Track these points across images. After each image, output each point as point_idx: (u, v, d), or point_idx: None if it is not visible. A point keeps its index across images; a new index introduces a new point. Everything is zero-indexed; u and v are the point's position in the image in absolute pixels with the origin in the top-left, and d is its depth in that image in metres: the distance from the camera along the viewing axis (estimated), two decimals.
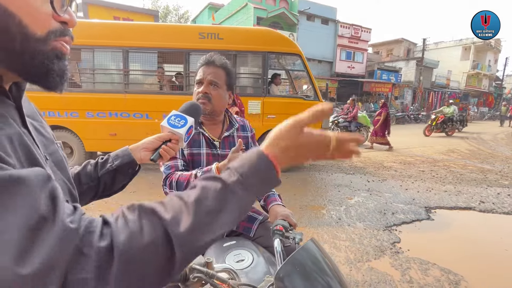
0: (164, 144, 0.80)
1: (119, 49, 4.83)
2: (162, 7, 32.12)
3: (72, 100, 4.76)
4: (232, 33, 5.11)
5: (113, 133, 4.84)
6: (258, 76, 5.21)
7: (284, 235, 0.90)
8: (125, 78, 4.93)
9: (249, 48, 5.04)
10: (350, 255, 2.52)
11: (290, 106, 5.01)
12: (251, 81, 5.49)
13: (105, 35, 4.82)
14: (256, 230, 1.22)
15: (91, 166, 0.77)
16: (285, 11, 19.01)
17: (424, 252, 2.60)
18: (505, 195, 4.32)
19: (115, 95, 4.89)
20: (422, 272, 2.30)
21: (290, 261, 0.63)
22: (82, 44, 4.79)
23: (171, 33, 5.01)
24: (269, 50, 4.99)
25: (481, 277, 2.28)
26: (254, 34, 5.22)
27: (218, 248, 1.08)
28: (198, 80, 1.21)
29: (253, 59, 5.22)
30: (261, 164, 0.47)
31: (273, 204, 1.17)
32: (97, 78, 5.00)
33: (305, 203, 3.75)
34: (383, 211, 3.54)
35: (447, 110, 11.49)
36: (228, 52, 4.87)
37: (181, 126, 0.81)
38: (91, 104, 4.83)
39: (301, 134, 0.49)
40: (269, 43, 4.99)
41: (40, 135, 0.54)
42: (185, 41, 4.88)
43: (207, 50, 4.76)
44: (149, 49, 4.92)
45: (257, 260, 0.95)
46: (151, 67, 5.17)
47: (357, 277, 2.20)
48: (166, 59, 5.36)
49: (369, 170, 5.64)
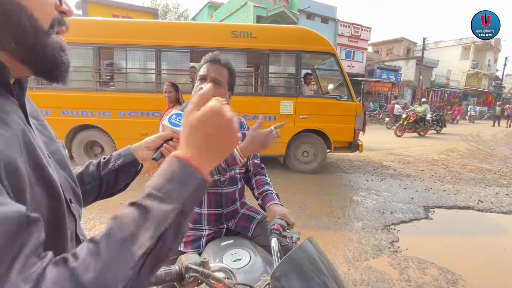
0: (166, 143, 0.81)
1: (151, 48, 4.78)
2: (161, 5, 32.02)
3: (105, 99, 4.79)
4: (265, 31, 4.97)
5: (144, 132, 4.71)
6: (291, 76, 5.09)
7: (282, 234, 0.90)
8: (157, 77, 4.90)
9: (282, 47, 4.92)
10: (348, 254, 2.53)
11: (323, 107, 4.96)
12: (283, 81, 5.35)
13: (137, 34, 4.80)
14: (254, 230, 1.23)
15: (94, 166, 0.77)
16: (285, 9, 18.96)
17: (422, 251, 2.61)
18: (504, 194, 4.33)
19: (147, 94, 4.88)
20: (420, 271, 2.31)
21: (286, 260, 0.63)
22: (115, 43, 4.81)
23: (203, 32, 4.96)
24: (303, 49, 4.86)
25: (479, 277, 2.28)
26: (288, 32, 5.07)
27: (216, 247, 1.08)
28: (201, 76, 1.21)
29: (287, 58, 5.10)
30: (173, 167, 0.42)
31: (271, 203, 1.17)
32: (129, 78, 5.01)
33: (304, 202, 3.75)
34: (382, 210, 3.55)
35: (419, 109, 11.28)
36: (262, 51, 4.81)
37: None
38: (123, 104, 4.83)
39: (196, 115, 0.45)
40: (304, 41, 4.86)
41: (41, 134, 0.54)
42: (217, 40, 4.81)
43: (239, 49, 4.84)
44: (181, 48, 4.87)
45: (254, 259, 0.95)
46: (183, 66, 5.12)
47: (355, 276, 2.21)
48: (198, 58, 5.26)
49: (368, 169, 5.65)
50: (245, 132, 1.35)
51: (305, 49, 4.90)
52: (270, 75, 5.07)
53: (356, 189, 4.40)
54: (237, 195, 1.28)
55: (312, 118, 4.94)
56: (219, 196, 1.21)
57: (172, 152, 0.80)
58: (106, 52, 5.03)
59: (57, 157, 0.56)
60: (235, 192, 1.26)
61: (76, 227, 0.57)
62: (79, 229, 0.59)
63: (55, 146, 0.57)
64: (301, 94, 4.99)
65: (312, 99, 5.16)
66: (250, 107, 4.85)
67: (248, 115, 4.72)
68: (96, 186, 0.75)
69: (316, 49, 5.04)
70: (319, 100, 5.16)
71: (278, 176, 4.86)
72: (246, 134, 1.35)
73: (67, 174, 0.58)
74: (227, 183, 1.22)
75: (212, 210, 1.21)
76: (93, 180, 0.75)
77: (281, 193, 1.31)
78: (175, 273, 0.63)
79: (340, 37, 21.22)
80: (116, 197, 0.86)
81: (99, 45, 4.73)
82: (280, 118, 4.82)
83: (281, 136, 4.59)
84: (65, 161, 0.58)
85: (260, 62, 5.31)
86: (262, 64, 5.12)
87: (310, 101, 5.03)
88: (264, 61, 4.90)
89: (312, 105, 4.99)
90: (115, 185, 0.78)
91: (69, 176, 0.58)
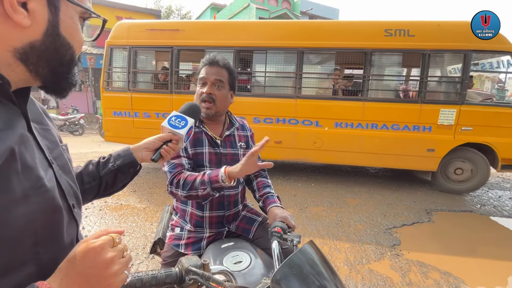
0: (165, 144, 0.81)
1: (293, 50, 4.40)
2: (164, 7, 32.20)
3: (241, 104, 4.35)
4: (425, 28, 4.20)
5: (278, 140, 4.48)
6: (455, 79, 4.37)
7: (282, 237, 0.90)
8: (297, 81, 4.45)
9: (447, 46, 4.15)
10: (350, 257, 2.52)
11: (493, 117, 4.06)
12: (444, 85, 4.54)
13: (278, 35, 4.47)
14: (255, 232, 1.22)
15: (93, 166, 0.78)
16: (288, 11, 19.01)
17: (424, 254, 2.59)
18: (506, 198, 4.30)
19: (285, 100, 4.51)
20: (422, 274, 2.29)
21: (287, 263, 0.63)
22: (254, 45, 4.51)
23: (352, 31, 4.37)
24: (473, 48, 4.01)
25: (481, 281, 2.26)
26: (454, 28, 4.18)
27: (216, 249, 1.08)
28: (201, 79, 1.22)
29: (451, 59, 4.48)
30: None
31: (272, 205, 1.16)
32: (267, 82, 4.68)
33: (305, 205, 3.74)
34: (384, 213, 3.53)
35: None
36: (421, 51, 4.14)
37: (181, 127, 0.83)
38: (259, 109, 4.56)
39: (81, 248, 0.44)
40: (473, 38, 3.92)
41: (44, 139, 0.54)
42: (367, 39, 4.25)
43: (394, 49, 4.27)
44: (326, 49, 4.45)
45: (255, 262, 0.95)
46: (326, 69, 4.69)
47: (357, 280, 2.20)
48: (343, 60, 4.69)
49: (370, 172, 5.63)
50: (247, 134, 1.35)
51: (476, 48, 4.02)
52: (429, 79, 4.33)
53: (358, 191, 4.37)
54: (239, 197, 1.28)
55: (477, 130, 4.09)
56: (221, 198, 1.21)
57: (171, 153, 0.81)
58: (243, 55, 4.68)
59: (61, 162, 0.56)
60: (237, 194, 1.26)
61: (77, 232, 0.57)
62: (79, 233, 0.59)
63: (59, 150, 0.57)
64: (466, 101, 4.12)
65: (481, 107, 4.18)
66: (399, 116, 4.26)
67: (398, 124, 4.25)
68: (95, 186, 0.76)
69: (489, 48, 4.07)
70: (489, 108, 4.15)
71: (278, 178, 4.85)
72: (248, 136, 1.35)
73: (70, 179, 0.58)
74: None
75: (214, 213, 1.21)
76: (93, 179, 0.76)
77: (281, 196, 1.31)
78: (175, 275, 0.63)
79: None
80: (116, 196, 0.86)
81: (238, 48, 4.47)
82: (437, 129, 4.16)
83: (436, 149, 4.19)
84: (68, 166, 0.59)
85: (417, 64, 4.57)
86: (419, 66, 4.38)
87: (477, 110, 4.13)
88: (423, 62, 4.16)
89: (479, 114, 4.10)
90: (114, 185, 0.79)
91: (72, 181, 0.58)
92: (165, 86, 4.79)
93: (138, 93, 4.83)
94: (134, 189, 4.00)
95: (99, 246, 0.44)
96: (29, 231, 0.44)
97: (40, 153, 0.50)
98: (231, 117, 1.34)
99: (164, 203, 3.58)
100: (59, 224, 0.50)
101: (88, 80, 13.72)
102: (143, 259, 2.38)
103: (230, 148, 1.25)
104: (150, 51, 5.17)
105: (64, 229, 0.51)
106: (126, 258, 0.47)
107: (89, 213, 3.22)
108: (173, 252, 1.18)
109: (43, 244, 0.46)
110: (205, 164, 1.19)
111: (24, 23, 0.42)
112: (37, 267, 0.46)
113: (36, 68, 0.46)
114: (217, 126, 1.28)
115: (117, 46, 4.84)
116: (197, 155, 1.19)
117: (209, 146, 1.21)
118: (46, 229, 0.47)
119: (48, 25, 0.45)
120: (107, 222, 3.05)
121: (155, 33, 4.73)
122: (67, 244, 0.52)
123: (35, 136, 0.50)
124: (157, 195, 3.90)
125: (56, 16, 0.46)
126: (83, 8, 0.50)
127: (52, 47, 0.46)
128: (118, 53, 4.90)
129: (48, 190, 0.47)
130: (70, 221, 0.54)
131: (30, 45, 0.44)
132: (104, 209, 3.31)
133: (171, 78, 4.65)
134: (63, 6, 0.47)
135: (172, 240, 1.21)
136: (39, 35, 0.44)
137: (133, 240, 2.68)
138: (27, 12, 0.42)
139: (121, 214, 3.23)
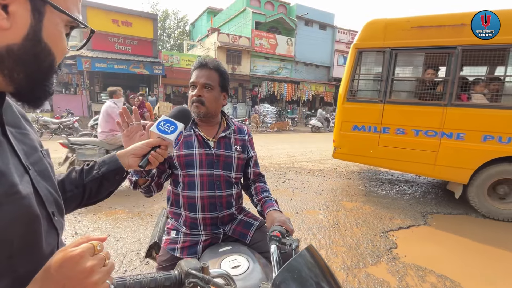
0: (153, 150, 0.78)
1: None
2: (161, 10, 32.31)
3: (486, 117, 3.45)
4: None
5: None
6: None
7: (281, 242, 0.89)
8: None
9: None
10: (346, 260, 2.51)
11: None
12: None
13: None
14: (252, 236, 1.21)
15: (76, 173, 0.74)
16: (284, 16, 19.20)
17: (421, 258, 2.59)
18: None
19: None
20: (419, 278, 2.29)
21: (286, 268, 0.62)
22: (497, 42, 3.37)
23: None
24: None
25: (478, 285, 2.27)
26: None
27: (213, 253, 1.07)
28: (191, 83, 1.22)
29: None
30: None
31: (270, 209, 1.16)
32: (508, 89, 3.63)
33: (302, 208, 3.73)
34: (380, 216, 3.54)
35: None
36: None
37: (171, 132, 0.79)
38: None
39: (58, 257, 0.43)
40: None
41: (21, 143, 0.52)
42: None
43: None
44: None
45: (253, 266, 0.94)
46: None
47: (354, 284, 2.19)
48: None
49: (366, 175, 5.65)
50: (245, 138, 1.35)
51: None
52: None
53: (354, 194, 4.38)
54: (233, 199, 1.27)
55: None
56: (213, 199, 1.20)
57: (159, 159, 0.78)
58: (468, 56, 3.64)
59: (39, 168, 0.54)
60: (230, 195, 1.25)
61: (58, 241, 0.55)
62: (60, 243, 0.56)
63: (37, 156, 0.55)
64: None
65: None
66: None
67: None
68: (78, 194, 0.72)
69: None
70: None
71: (274, 181, 4.84)
72: (246, 140, 1.35)
73: (50, 186, 0.55)
74: (222, 186, 1.22)
75: (207, 214, 1.20)
76: (75, 187, 0.72)
77: (278, 199, 1.30)
78: (174, 278, 0.62)
79: (338, 44, 21.45)
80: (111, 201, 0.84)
81: (463, 46, 3.51)
82: None
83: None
84: (48, 171, 0.56)
85: None
86: None
87: None
88: None
89: None
90: (98, 193, 0.75)
91: (52, 188, 0.56)
92: (437, 97, 3.72)
93: (393, 104, 3.92)
94: (129, 194, 3.96)
95: (78, 255, 0.42)
96: (2, 241, 0.42)
97: (15, 158, 0.48)
98: (228, 120, 1.34)
99: (159, 208, 3.54)
100: (37, 233, 0.48)
101: (83, 83, 13.63)
102: (137, 264, 2.34)
103: (224, 149, 1.24)
104: (417, 54, 3.97)
105: (43, 238, 0.49)
106: (107, 266, 0.45)
107: (82, 218, 3.17)
108: (168, 256, 1.16)
109: (19, 255, 0.44)
110: (195, 165, 1.18)
111: (2, 25, 0.41)
112: (12, 280, 0.44)
113: (11, 73, 0.44)
114: (211, 127, 1.28)
115: (369, 49, 4.00)
116: (187, 157, 1.19)
117: (199, 147, 1.20)
118: (23, 239, 0.45)
119: (30, 30, 0.44)
120: (100, 227, 3.00)
121: (428, 30, 3.70)
122: (46, 254, 0.50)
123: (10, 140, 0.48)
124: (152, 199, 3.85)
125: (39, 21, 0.45)
126: (70, 17, 0.48)
127: (31, 52, 0.45)
128: (369, 56, 4.06)
129: (23, 197, 0.45)
130: (50, 229, 0.52)
131: (7, 48, 0.42)
132: (98, 214, 3.27)
133: (451, 86, 3.59)
134: (48, 12, 0.45)
135: (167, 244, 1.19)
136: (18, 39, 0.43)
137: (127, 245, 2.63)
138: (7, 15, 0.41)
139: (115, 219, 3.18)
